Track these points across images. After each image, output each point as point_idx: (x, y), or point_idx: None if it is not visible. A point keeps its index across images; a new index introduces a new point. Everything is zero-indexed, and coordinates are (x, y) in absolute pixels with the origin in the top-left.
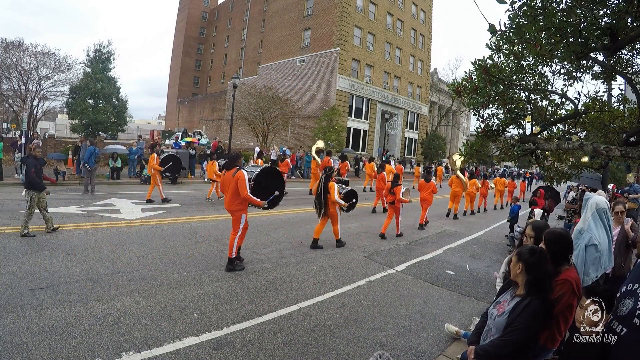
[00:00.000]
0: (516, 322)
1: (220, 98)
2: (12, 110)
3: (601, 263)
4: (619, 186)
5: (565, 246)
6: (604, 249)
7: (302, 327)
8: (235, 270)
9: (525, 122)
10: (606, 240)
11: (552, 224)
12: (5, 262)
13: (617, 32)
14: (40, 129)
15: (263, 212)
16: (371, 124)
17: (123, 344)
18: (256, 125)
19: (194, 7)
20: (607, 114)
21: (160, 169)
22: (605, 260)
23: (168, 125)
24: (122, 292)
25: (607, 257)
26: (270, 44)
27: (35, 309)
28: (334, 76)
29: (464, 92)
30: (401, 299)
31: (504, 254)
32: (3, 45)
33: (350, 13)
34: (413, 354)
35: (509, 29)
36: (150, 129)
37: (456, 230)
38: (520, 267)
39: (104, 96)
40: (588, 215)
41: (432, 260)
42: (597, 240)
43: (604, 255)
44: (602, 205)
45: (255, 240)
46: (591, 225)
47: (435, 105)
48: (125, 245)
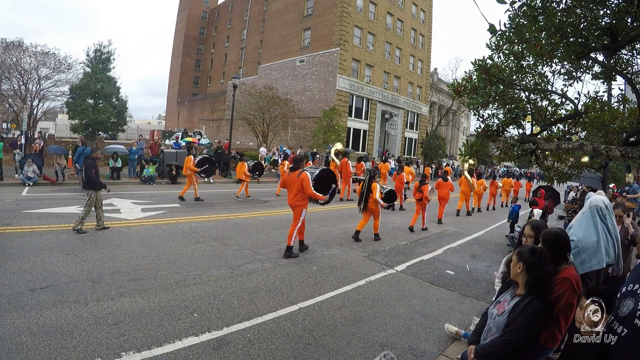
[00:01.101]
0: (516, 321)
1: (220, 98)
2: (12, 110)
3: (582, 259)
4: (619, 186)
5: (562, 245)
6: (587, 245)
7: (302, 327)
8: (291, 257)
9: (525, 122)
10: (593, 238)
11: (552, 224)
12: (5, 262)
13: (617, 32)
14: (40, 129)
15: (264, 212)
16: (371, 124)
17: (123, 344)
18: (256, 125)
19: (194, 7)
20: (607, 114)
21: (196, 170)
22: (587, 257)
23: (168, 125)
24: (122, 292)
25: (591, 254)
26: (270, 44)
27: (35, 309)
28: (334, 76)
29: (464, 92)
30: (401, 299)
31: (504, 254)
32: (3, 45)
33: (350, 13)
34: (413, 354)
35: (509, 29)
36: (150, 129)
37: (456, 230)
38: (520, 267)
39: (104, 96)
40: (579, 212)
41: (432, 260)
42: (575, 237)
43: (587, 251)
44: (596, 203)
45: (255, 240)
46: (577, 222)
47: (435, 105)
48: (125, 245)
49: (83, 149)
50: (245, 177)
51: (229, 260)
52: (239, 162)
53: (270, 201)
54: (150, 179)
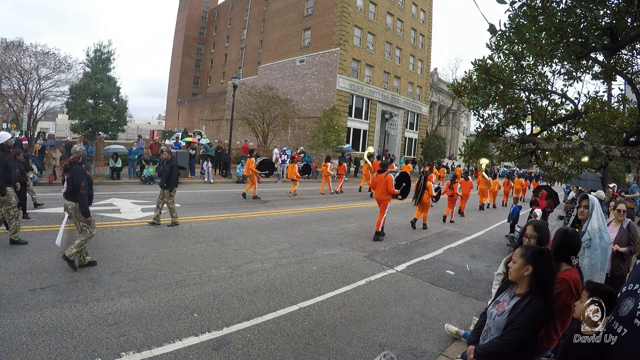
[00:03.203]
0: (516, 321)
1: (220, 98)
2: (12, 110)
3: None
4: (619, 186)
5: (573, 247)
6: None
7: (302, 327)
8: (379, 240)
9: (525, 122)
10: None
11: (552, 224)
12: (5, 262)
13: (617, 32)
14: (40, 129)
15: (263, 212)
16: (371, 124)
17: (123, 344)
18: (256, 125)
19: (194, 7)
20: (607, 114)
21: (257, 171)
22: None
23: (168, 125)
24: (122, 292)
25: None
26: (270, 44)
27: (35, 309)
28: (334, 76)
29: (464, 92)
30: (401, 299)
31: (504, 254)
32: (3, 45)
33: (350, 13)
34: (413, 354)
35: (509, 29)
36: (150, 129)
37: (456, 230)
38: (529, 270)
39: (104, 96)
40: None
41: (432, 260)
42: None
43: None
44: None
45: (255, 240)
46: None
47: (435, 105)
48: (125, 245)
49: (85, 149)
50: (296, 177)
51: (229, 260)
52: (290, 164)
53: (271, 201)
54: (150, 179)
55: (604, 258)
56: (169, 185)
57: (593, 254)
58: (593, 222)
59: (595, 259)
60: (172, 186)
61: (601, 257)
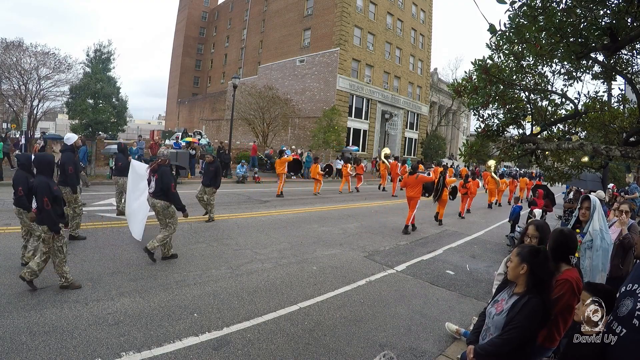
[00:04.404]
0: (515, 320)
1: (220, 98)
2: (12, 110)
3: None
4: (618, 186)
5: (571, 247)
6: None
7: (302, 327)
8: (407, 233)
9: (525, 122)
10: None
11: (552, 224)
12: (5, 262)
13: (617, 32)
14: (40, 129)
15: (263, 212)
16: (371, 124)
17: (123, 344)
18: (256, 125)
19: (194, 7)
20: (607, 114)
21: (284, 172)
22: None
23: (168, 125)
24: (122, 292)
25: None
26: (270, 44)
27: (35, 309)
28: (334, 76)
29: (464, 92)
30: (401, 299)
31: (504, 254)
32: (3, 45)
33: (350, 13)
34: (413, 354)
35: (509, 29)
36: (150, 129)
37: (456, 230)
38: (524, 269)
39: (104, 96)
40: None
41: (432, 260)
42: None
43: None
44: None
45: (255, 240)
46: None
47: (435, 105)
48: (125, 245)
49: (86, 149)
50: (319, 176)
51: (229, 260)
52: (313, 164)
53: (270, 201)
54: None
55: (605, 259)
56: (213, 185)
57: (594, 255)
58: (594, 223)
59: (597, 260)
60: (217, 186)
61: (602, 258)
